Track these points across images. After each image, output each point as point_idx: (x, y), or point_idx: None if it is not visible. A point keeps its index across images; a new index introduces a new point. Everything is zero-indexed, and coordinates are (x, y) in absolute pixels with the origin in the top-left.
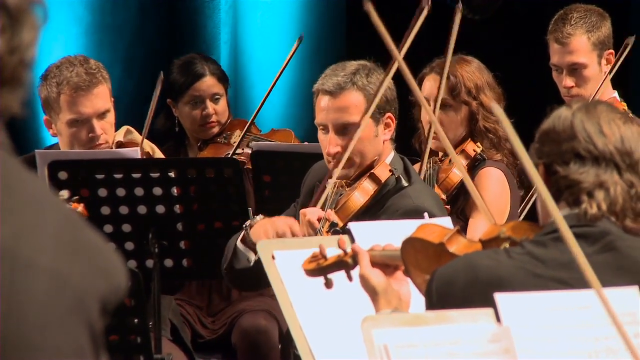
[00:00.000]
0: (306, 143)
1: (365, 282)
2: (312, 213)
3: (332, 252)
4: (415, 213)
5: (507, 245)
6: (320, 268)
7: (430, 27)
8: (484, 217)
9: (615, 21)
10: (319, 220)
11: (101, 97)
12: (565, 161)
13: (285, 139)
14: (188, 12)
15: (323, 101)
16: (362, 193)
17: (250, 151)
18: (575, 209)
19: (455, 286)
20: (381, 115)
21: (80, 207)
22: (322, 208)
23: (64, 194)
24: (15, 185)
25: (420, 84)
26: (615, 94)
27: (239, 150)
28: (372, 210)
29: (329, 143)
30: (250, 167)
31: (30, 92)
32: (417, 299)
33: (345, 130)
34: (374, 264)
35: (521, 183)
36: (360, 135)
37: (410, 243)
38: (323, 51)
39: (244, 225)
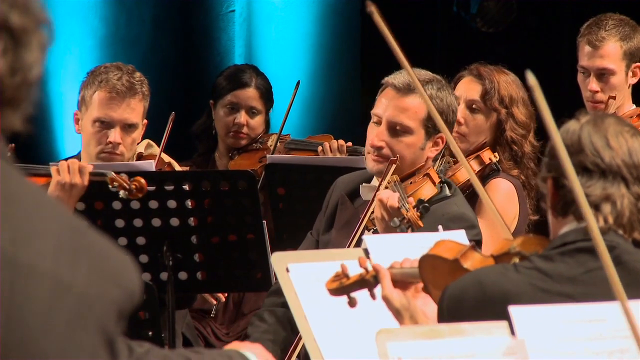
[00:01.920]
0: (321, 156)
1: (388, 304)
2: (390, 197)
3: (354, 271)
4: (460, 220)
5: (517, 260)
6: (342, 287)
7: (446, 37)
8: (486, 224)
9: None
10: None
11: (133, 110)
12: None
13: (324, 142)
14: (202, 25)
15: (387, 94)
16: (431, 187)
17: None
18: (583, 223)
19: (465, 303)
20: (435, 132)
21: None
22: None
23: None
24: (15, 193)
25: (455, 84)
26: (634, 107)
27: (276, 154)
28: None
29: (376, 135)
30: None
31: (38, 107)
32: None
33: (395, 130)
34: (395, 282)
35: (537, 208)
36: (408, 141)
37: (427, 260)
38: (337, 64)
39: None
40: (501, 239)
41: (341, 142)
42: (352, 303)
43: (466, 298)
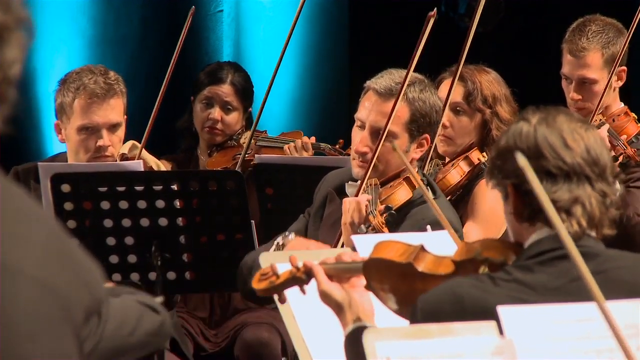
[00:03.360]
0: (309, 156)
1: (326, 298)
2: (359, 199)
3: (283, 268)
4: (439, 224)
5: (485, 267)
6: (274, 287)
7: (434, 37)
8: (478, 227)
9: None
10: (366, 207)
11: (115, 110)
12: None
13: (295, 138)
14: (190, 25)
15: (370, 99)
16: (405, 191)
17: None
18: (555, 229)
19: (442, 318)
20: (419, 134)
21: None
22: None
23: None
24: (2, 199)
25: (437, 86)
26: (622, 105)
27: (249, 152)
28: (398, 215)
29: (360, 141)
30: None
31: (27, 107)
32: (381, 309)
33: (379, 135)
34: (329, 276)
35: None
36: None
37: (373, 264)
38: (325, 64)
39: (276, 242)
40: (461, 243)
41: (305, 139)
42: (282, 299)
43: (443, 312)
